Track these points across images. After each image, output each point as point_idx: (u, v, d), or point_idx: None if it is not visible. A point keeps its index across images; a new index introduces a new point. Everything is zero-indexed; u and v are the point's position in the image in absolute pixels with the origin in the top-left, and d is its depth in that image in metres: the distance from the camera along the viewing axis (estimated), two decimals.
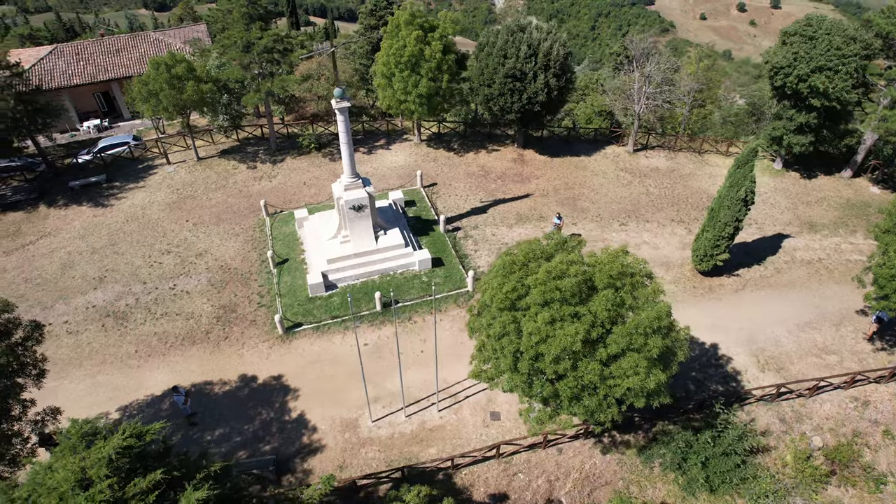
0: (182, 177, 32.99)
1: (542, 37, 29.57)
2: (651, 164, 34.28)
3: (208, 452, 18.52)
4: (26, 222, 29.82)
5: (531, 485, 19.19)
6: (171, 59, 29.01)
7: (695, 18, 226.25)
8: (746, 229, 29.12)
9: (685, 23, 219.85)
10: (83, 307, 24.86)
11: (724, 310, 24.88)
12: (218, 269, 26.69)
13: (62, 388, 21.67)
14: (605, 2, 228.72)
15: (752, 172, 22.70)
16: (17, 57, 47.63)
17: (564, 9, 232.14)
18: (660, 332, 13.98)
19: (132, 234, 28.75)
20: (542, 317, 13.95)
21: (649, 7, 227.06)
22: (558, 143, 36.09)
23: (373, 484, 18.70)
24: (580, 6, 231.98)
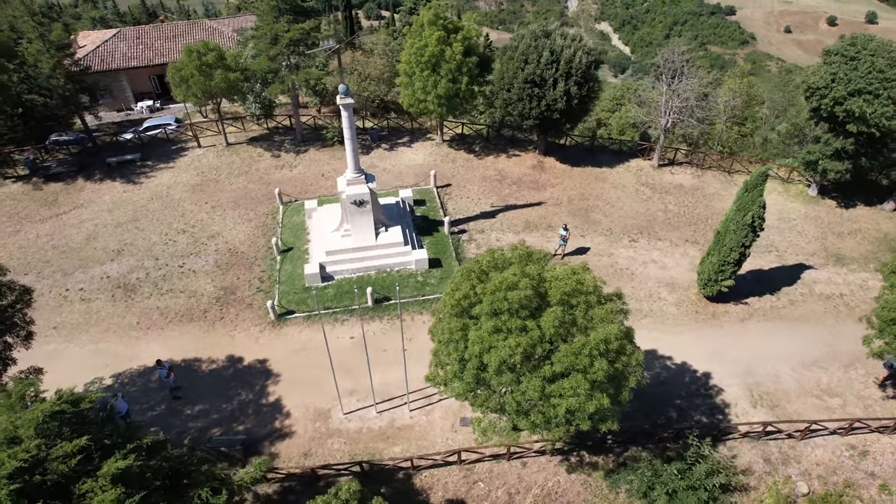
0: (209, 160, 34.43)
1: (565, 43, 29.05)
2: (675, 180, 33.08)
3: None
4: (64, 193, 31.92)
5: (490, 495, 19.01)
6: (203, 47, 30.32)
7: (779, 31, 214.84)
8: (764, 256, 27.77)
9: (767, 35, 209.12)
10: (99, 277, 26.42)
11: (724, 338, 23.78)
12: (226, 252, 27.74)
13: (67, 351, 23.12)
14: (682, 10, 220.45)
15: (762, 197, 21.55)
16: (85, 39, 51.07)
17: (639, 15, 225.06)
18: (607, 355, 13.57)
19: (154, 212, 30.27)
20: (486, 326, 13.83)
21: (730, 17, 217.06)
22: (582, 153, 35.37)
23: (332, 475, 19.03)
24: (655, 13, 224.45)
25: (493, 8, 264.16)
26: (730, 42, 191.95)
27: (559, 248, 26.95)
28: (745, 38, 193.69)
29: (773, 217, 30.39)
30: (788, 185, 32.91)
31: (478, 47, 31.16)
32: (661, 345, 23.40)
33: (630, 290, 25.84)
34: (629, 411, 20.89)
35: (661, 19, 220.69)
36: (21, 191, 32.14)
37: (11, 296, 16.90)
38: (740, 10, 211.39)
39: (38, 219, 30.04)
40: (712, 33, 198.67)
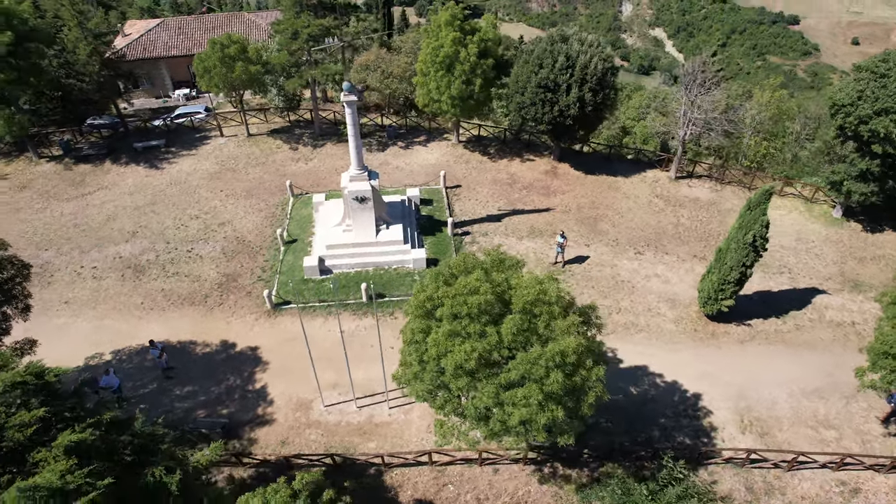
0: (230, 150, 35.42)
1: (581, 49, 28.62)
2: (691, 193, 32.16)
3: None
4: (91, 174, 33.41)
5: (459, 499, 19.00)
6: (226, 39, 31.24)
7: (845, 43, 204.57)
8: (775, 277, 26.76)
9: (832, 47, 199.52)
10: (112, 256, 27.57)
11: (721, 359, 23.05)
12: (233, 240, 28.52)
13: (74, 325, 24.26)
14: (742, 18, 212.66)
15: (765, 216, 20.78)
16: (131, 28, 53.22)
17: (695, 22, 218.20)
18: (564, 367, 13.39)
19: (171, 197, 31.37)
20: (444, 329, 13.86)
21: (793, 27, 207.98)
22: (598, 161, 34.78)
23: (305, 465, 19.37)
24: (713, 20, 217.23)
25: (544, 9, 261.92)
26: (790, 53, 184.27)
27: (558, 255, 26.62)
28: (808, 49, 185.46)
29: (791, 238, 29.25)
30: (812, 205, 31.56)
31: (495, 50, 31.02)
32: (653, 361, 22.86)
33: (628, 303, 25.36)
34: (609, 427, 20.63)
35: (718, 27, 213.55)
36: (53, 170, 33.82)
37: (11, 270, 17.82)
38: (804, 19, 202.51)
39: (64, 198, 31.55)
40: (772, 43, 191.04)
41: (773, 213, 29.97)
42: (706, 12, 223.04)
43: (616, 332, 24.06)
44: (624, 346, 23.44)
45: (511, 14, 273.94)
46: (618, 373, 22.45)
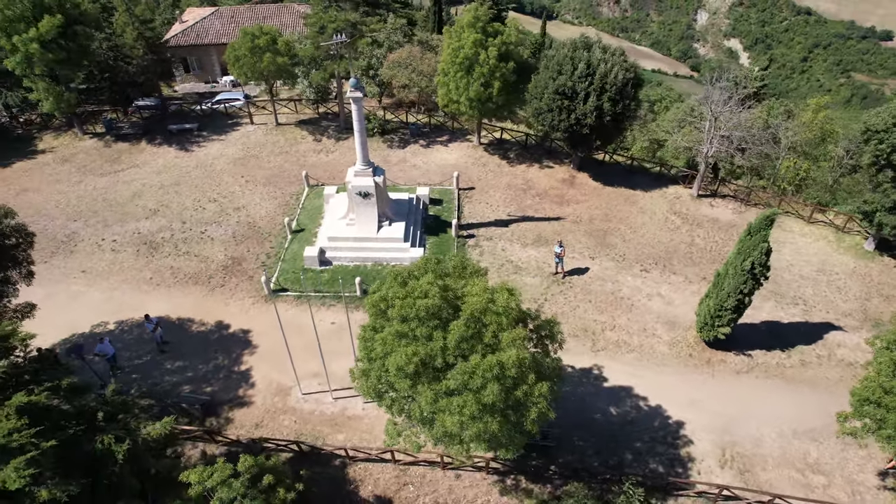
0: (257, 137, 36.59)
1: (603, 57, 27.94)
2: (712, 213, 30.86)
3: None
4: (126, 152, 35.27)
5: (418, 500, 19.05)
6: (257, 30, 32.26)
7: None
8: (787, 308, 25.39)
9: None
10: (131, 232, 29.05)
11: (712, 388, 22.08)
12: (245, 225, 29.49)
13: (87, 294, 25.73)
14: (828, 32, 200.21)
15: (766, 243, 19.71)
16: (188, 15, 55.70)
17: (776, 34, 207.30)
18: (503, 380, 13.21)
19: (195, 179, 32.72)
20: (391, 330, 13.94)
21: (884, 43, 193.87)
22: (619, 172, 33.87)
23: (273, 449, 19.88)
24: (795, 33, 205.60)
25: (615, 14, 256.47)
26: (879, 71, 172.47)
27: (558, 265, 26.15)
28: None
29: (813, 268, 27.63)
30: (843, 235, 29.68)
31: (517, 53, 30.68)
32: (640, 383, 22.16)
33: (624, 321, 24.66)
34: (580, 445, 20.18)
35: (800, 40, 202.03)
36: (94, 146, 35.89)
37: (17, 238, 19.11)
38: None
39: (99, 173, 33.45)
40: (859, 59, 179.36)
41: (799, 241, 28.59)
42: (788, 24, 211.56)
43: (606, 349, 23.47)
44: (612, 365, 22.83)
45: (581, 17, 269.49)
46: (601, 391, 21.92)
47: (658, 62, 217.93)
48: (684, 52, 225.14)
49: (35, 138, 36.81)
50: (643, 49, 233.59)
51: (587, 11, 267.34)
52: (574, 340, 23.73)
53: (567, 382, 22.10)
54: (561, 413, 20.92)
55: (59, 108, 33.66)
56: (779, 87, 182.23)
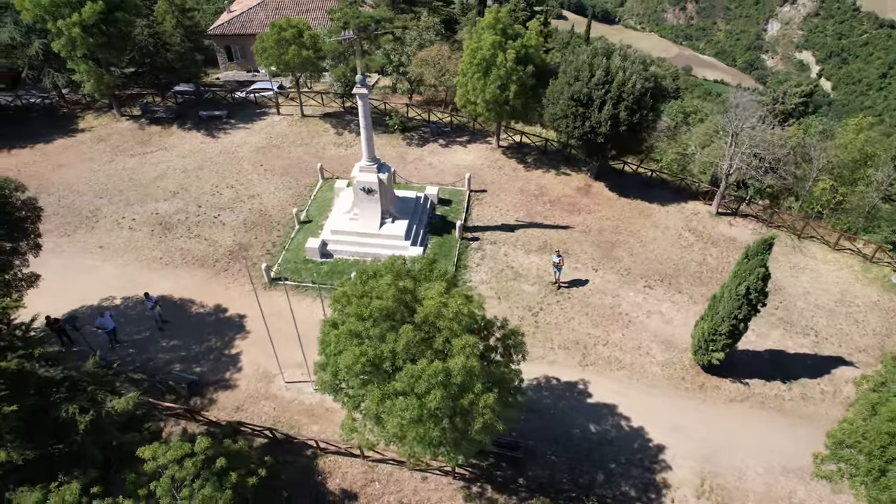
0: (281, 128, 37.42)
1: (623, 65, 27.19)
2: (729, 232, 29.60)
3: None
4: (157, 135, 36.73)
5: (382, 498, 19.14)
6: (285, 22, 32.97)
7: None
8: (796, 338, 24.14)
9: None
10: (150, 212, 30.24)
11: (701, 414, 21.24)
12: (257, 212, 30.23)
13: (101, 268, 26.95)
14: None
15: (762, 268, 18.76)
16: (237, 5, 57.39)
17: (853, 48, 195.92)
18: (448, 387, 13.09)
19: (217, 165, 33.76)
20: (343, 329, 14.03)
21: None
22: (637, 184, 32.89)
23: (248, 433, 20.36)
24: (875, 47, 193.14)
25: (680, 21, 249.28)
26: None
27: (555, 275, 25.68)
28: None
29: (831, 297, 26.14)
30: (870, 265, 27.93)
31: (537, 57, 30.21)
32: (625, 402, 21.54)
33: (619, 337, 24.00)
34: (553, 460, 19.80)
35: (880, 55, 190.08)
36: (129, 128, 37.53)
37: (27, 211, 20.22)
38: None
39: (130, 153, 34.96)
40: None
41: (821, 268, 27.16)
42: (868, 38, 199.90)
43: (596, 364, 22.92)
44: (599, 381, 22.27)
45: (644, 23, 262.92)
46: (583, 407, 21.43)
47: (721, 72, 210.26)
48: (750, 62, 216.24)
49: (78, 117, 38.79)
50: (706, 58, 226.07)
51: (651, 17, 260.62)
52: (563, 352, 23.31)
53: (549, 395, 21.82)
54: (537, 425, 20.70)
55: (99, 89, 35.35)
56: (853, 103, 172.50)
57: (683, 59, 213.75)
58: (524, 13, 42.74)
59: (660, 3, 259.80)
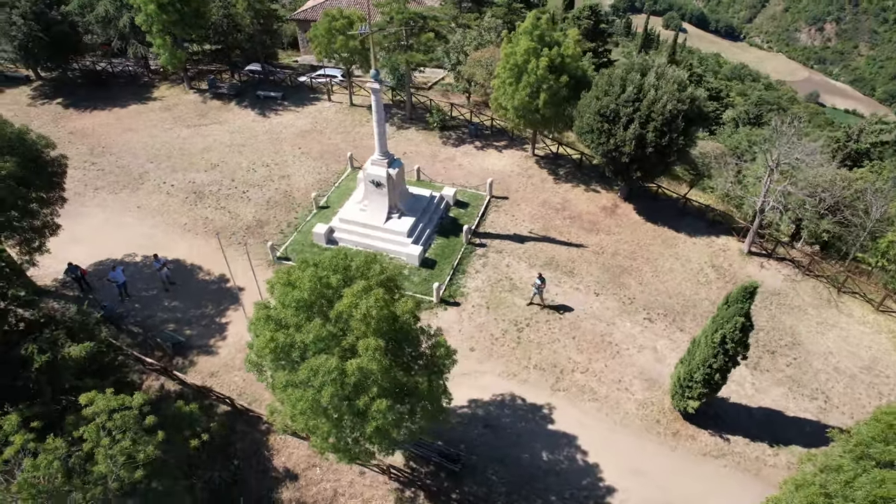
0: (328, 114, 38.70)
1: (655, 83, 25.68)
2: (757, 275, 27.16)
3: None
4: (215, 110, 39.22)
5: (319, 485, 19.55)
6: (337, 12, 34.01)
7: None
8: (803, 401, 21.92)
9: None
10: (189, 181, 32.43)
11: (666, 463, 19.83)
12: (283, 192, 31.57)
13: (133, 226, 29.31)
14: None
15: (742, 318, 17.14)
16: None
17: None
18: (343, 386, 13.18)
19: (259, 143, 35.55)
20: (261, 313, 14.49)
21: None
22: (670, 210, 30.93)
23: (213, 399, 21.47)
24: None
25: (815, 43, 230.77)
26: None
27: (534, 296, 24.81)
28: None
29: (857, 362, 23.39)
30: None
31: (573, 67, 29.13)
32: (588, 436, 20.54)
33: (601, 367, 22.87)
34: (493, 479, 19.32)
35: None
36: (193, 100, 40.36)
37: (56, 167, 22.43)
38: None
39: (186, 124, 37.61)
40: None
41: (854, 328, 24.54)
42: None
43: (568, 391, 22.01)
44: (566, 409, 21.38)
45: (772, 42, 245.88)
46: (541, 432, 20.69)
47: (855, 102, 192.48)
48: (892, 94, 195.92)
49: (154, 87, 42.24)
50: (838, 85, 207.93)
51: (781, 36, 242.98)
52: (538, 373, 22.59)
53: (510, 414, 21.25)
54: (489, 441, 20.33)
55: (171, 62, 38.28)
56: None
57: (811, 85, 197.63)
58: (588, 21, 41.29)
59: (793, 22, 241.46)
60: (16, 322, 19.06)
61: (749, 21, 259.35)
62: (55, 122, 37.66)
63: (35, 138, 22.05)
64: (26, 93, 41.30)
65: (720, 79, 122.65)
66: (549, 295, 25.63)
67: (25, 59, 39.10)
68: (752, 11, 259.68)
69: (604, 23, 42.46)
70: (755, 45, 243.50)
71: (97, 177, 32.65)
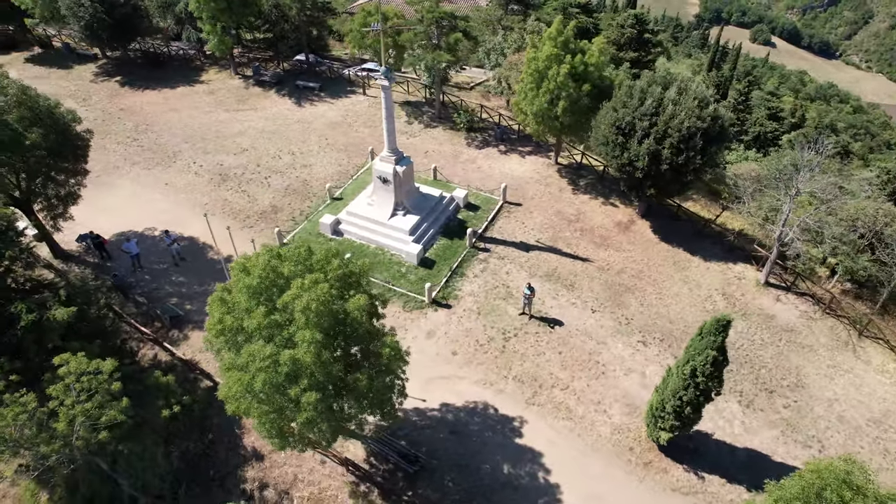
0: (360, 108, 39.34)
1: (675, 98, 24.59)
2: (771, 308, 25.56)
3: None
4: (255, 96, 40.67)
5: (282, 468, 20.05)
6: (374, 7, 34.49)
7: None
8: (794, 446, 20.59)
9: None
10: (217, 163, 33.82)
11: (630, 494, 19.08)
12: (302, 181, 32.40)
13: (159, 201, 30.87)
14: None
15: (714, 351, 16.20)
16: None
17: None
18: (276, 375, 13.48)
19: (289, 132, 36.60)
20: (216, 294, 15.00)
21: None
22: (688, 232, 29.51)
23: (197, 375, 22.38)
24: None
25: None
26: None
27: (525, 306, 24.33)
28: None
29: (867, 414, 21.63)
30: None
31: (596, 76, 28.29)
32: (554, 454, 20.05)
33: (582, 386, 22.23)
34: (449, 486, 19.22)
35: None
36: (237, 86, 42.01)
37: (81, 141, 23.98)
38: None
39: (226, 108, 39.22)
40: None
41: (870, 377, 22.91)
42: None
43: (543, 406, 21.54)
44: (537, 424, 20.94)
45: (872, 60, 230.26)
46: (507, 445, 20.37)
47: None
48: None
49: (204, 71, 44.26)
50: None
51: (883, 56, 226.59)
52: (515, 385, 22.22)
53: (479, 422, 21.05)
54: (452, 448, 20.24)
55: (219, 48, 40.04)
56: None
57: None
58: (631, 30, 39.92)
59: None
60: (23, 282, 20.58)
61: (848, 38, 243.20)
62: (110, 99, 40.16)
63: (63, 112, 23.62)
64: (91, 69, 44.21)
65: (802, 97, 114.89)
66: (543, 307, 25.14)
67: (90, 38, 41.85)
68: (853, 28, 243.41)
69: (649, 32, 40.97)
70: (852, 63, 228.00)
71: (136, 152, 34.58)
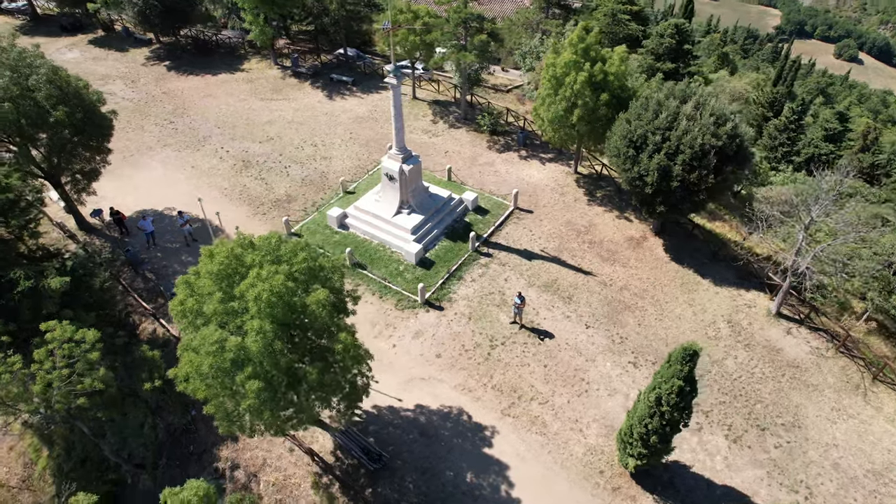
0: (388, 104, 39.57)
1: (690, 114, 23.55)
2: (779, 341, 24.12)
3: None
4: (289, 87, 41.71)
5: (254, 451, 20.61)
6: (405, 6, 34.71)
7: None
8: (779, 491, 19.46)
9: None
10: (243, 150, 34.92)
11: None
12: (319, 173, 33.03)
13: (184, 182, 32.20)
14: None
15: (680, 381, 15.46)
16: None
17: None
18: (221, 361, 13.84)
19: (316, 123, 37.35)
20: (183, 278, 15.55)
21: None
22: (702, 253, 28.24)
23: None
24: None
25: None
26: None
27: (516, 316, 23.91)
28: None
29: (867, 464, 20.12)
30: None
31: (616, 86, 27.43)
32: (522, 468, 19.72)
33: (562, 402, 21.72)
34: (409, 487, 19.22)
35: None
36: (274, 76, 43.21)
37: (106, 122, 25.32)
38: None
39: (260, 97, 40.40)
40: None
41: (877, 425, 21.69)
42: None
43: (518, 418, 21.19)
44: (508, 436, 20.62)
45: None
46: (474, 454, 20.18)
47: None
48: None
49: (246, 59, 45.75)
50: None
51: None
52: (494, 394, 21.95)
53: (450, 428, 20.98)
54: (418, 450, 20.31)
55: (260, 38, 41.32)
56: None
57: None
58: (671, 40, 38.41)
59: None
60: (35, 249, 21.95)
61: (837, 39, 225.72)
62: (156, 82, 42.13)
63: (91, 93, 24.97)
64: (144, 53, 46.51)
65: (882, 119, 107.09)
66: (536, 318, 24.70)
67: (143, 23, 44.03)
68: None
69: (688, 43, 39.31)
70: None
71: (170, 134, 36.15)
